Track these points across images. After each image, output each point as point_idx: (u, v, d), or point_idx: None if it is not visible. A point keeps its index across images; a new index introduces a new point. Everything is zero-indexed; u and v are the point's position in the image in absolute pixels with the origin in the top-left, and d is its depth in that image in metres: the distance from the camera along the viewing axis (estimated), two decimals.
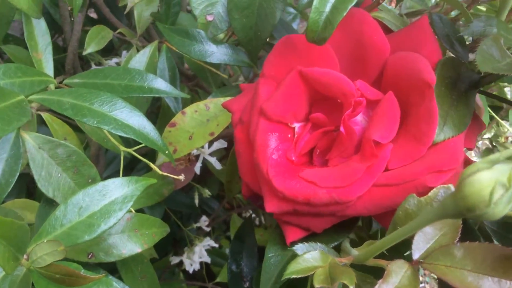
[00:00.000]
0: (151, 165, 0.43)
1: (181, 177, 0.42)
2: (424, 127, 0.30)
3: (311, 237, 0.33)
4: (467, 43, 0.36)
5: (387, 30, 0.37)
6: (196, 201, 0.66)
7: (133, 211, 0.42)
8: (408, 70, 0.31)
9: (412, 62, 0.31)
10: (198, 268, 0.69)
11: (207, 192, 0.66)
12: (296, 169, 0.32)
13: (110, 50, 0.75)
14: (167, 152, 0.37)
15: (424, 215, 0.23)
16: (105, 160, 0.65)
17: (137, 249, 0.40)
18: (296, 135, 0.34)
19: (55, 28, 0.70)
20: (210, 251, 0.70)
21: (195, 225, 0.71)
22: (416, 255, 0.26)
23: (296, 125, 0.34)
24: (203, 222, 0.72)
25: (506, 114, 0.63)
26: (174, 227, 0.73)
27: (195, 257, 0.68)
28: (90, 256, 0.39)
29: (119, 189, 0.35)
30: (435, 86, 0.29)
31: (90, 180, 0.43)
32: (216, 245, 0.70)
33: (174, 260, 0.69)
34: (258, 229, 0.66)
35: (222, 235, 0.90)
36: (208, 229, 0.72)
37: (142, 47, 0.57)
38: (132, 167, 0.68)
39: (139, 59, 0.55)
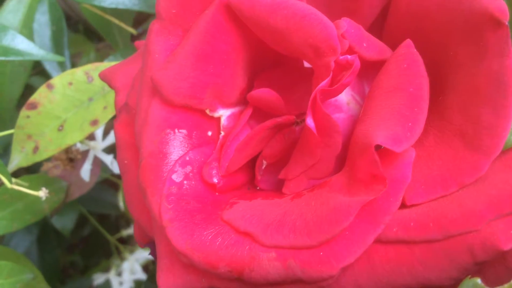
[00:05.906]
0: None
1: (41, 194, 0.25)
2: (486, 114, 0.14)
3: None
4: None
5: None
6: (122, 203, 0.50)
7: None
8: None
9: None
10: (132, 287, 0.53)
11: None
12: (221, 203, 0.16)
13: None
14: None
15: None
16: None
17: None
18: (222, 133, 0.18)
19: None
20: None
21: (124, 232, 0.55)
22: None
23: (223, 113, 0.18)
24: None
25: None
26: (101, 235, 0.57)
27: (126, 274, 0.52)
28: None
29: None
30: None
31: None
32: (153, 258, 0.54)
33: (98, 278, 0.53)
34: None
35: None
36: None
37: None
38: None
39: (14, 7, 0.37)
